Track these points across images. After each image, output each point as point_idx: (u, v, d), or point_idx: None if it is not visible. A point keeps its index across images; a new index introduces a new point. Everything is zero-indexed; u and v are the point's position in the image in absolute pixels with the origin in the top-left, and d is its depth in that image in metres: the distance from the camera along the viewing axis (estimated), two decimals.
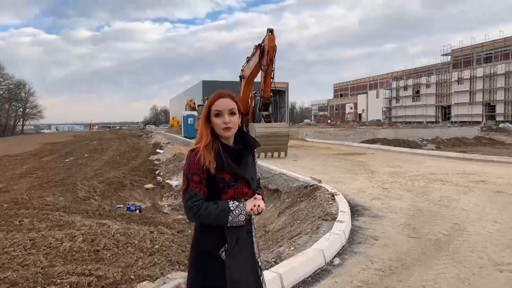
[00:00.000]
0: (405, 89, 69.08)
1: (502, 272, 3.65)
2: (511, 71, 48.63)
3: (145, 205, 10.19)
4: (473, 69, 55.01)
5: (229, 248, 1.80)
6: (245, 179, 1.86)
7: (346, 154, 14.61)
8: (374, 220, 5.52)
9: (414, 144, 22.36)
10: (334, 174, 9.65)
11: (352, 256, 4.16)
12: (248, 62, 16.51)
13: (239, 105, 1.90)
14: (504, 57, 52.89)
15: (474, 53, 58.14)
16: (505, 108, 49.39)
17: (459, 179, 8.59)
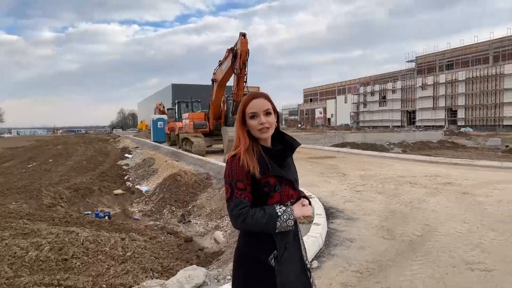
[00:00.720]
0: (372, 94, 70.95)
1: (473, 271, 3.76)
2: (471, 77, 50.97)
3: (115, 211, 9.88)
4: (436, 76, 57.27)
5: (278, 254, 1.73)
6: (290, 181, 1.78)
7: (318, 157, 14.78)
8: (349, 223, 5.58)
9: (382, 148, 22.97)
10: (307, 177, 9.71)
11: (330, 259, 4.17)
12: (220, 66, 16.44)
13: (273, 104, 1.82)
14: (464, 64, 55.43)
15: (437, 60, 60.60)
16: (466, 113, 51.66)
17: (427, 181, 8.85)
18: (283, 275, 1.73)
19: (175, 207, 9.65)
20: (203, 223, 8.80)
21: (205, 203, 9.67)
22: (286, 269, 1.74)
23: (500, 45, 50.74)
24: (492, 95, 47.94)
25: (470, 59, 54.86)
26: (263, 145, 1.80)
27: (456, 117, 53.27)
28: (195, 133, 18.45)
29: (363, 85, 75.33)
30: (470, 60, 54.70)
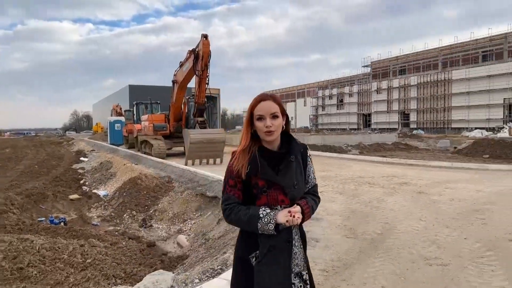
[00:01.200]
0: (330, 98, 72.80)
1: (431, 266, 3.96)
2: (422, 82, 53.63)
3: (71, 217, 9.46)
4: (390, 80, 59.70)
5: (259, 255, 1.76)
6: (280, 186, 1.75)
7: None
8: (312, 223, 5.68)
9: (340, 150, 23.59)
10: None
11: None
12: (181, 67, 16.24)
13: (282, 107, 1.82)
14: (416, 70, 58.25)
15: (391, 65, 63.23)
16: (418, 116, 54.27)
17: (385, 181, 9.21)
18: (261, 276, 1.74)
19: (136, 211, 9.41)
20: (166, 227, 8.64)
21: (167, 207, 9.50)
22: (266, 271, 1.74)
23: (449, 52, 53.80)
24: (441, 99, 50.71)
25: (421, 64, 57.73)
26: (266, 147, 1.81)
27: (409, 120, 55.81)
28: (155, 136, 18.07)
29: (322, 89, 77.15)
30: (421, 66, 57.56)
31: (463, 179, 9.44)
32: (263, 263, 1.75)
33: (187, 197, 9.51)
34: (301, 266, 1.84)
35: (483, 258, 4.08)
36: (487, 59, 48.82)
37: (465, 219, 5.69)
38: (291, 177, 1.79)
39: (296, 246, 1.84)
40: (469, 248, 4.43)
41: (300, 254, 1.85)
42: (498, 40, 48.18)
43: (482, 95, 44.64)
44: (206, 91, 14.75)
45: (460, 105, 47.40)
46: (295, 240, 1.84)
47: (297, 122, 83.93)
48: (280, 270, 1.76)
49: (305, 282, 1.84)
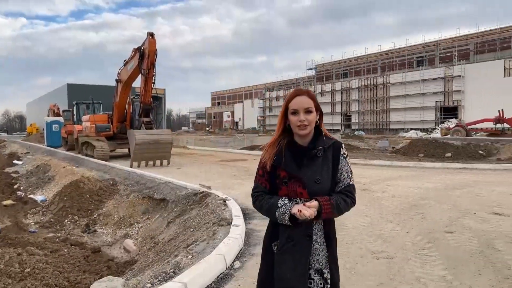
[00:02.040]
0: (277, 99, 74.03)
1: (379, 259, 4.15)
2: (363, 85, 56.28)
3: (5, 224, 8.74)
4: (333, 83, 61.97)
5: (279, 244, 1.84)
6: (299, 179, 1.80)
7: (230, 160, 14.93)
8: (265, 222, 5.67)
9: None
10: (221, 180, 9.75)
11: (251, 258, 4.24)
12: (126, 66, 15.67)
13: (316, 102, 1.87)
14: (357, 73, 61.02)
15: (334, 69, 65.70)
16: (359, 118, 56.86)
17: None
18: (279, 266, 1.82)
19: (78, 216, 8.92)
20: (111, 232, 8.28)
21: (112, 211, 9.10)
22: (284, 261, 1.80)
23: (386, 57, 56.95)
24: (380, 101, 53.52)
25: (362, 68, 60.57)
26: (293, 140, 1.87)
27: (351, 121, 58.30)
28: (97, 137, 17.25)
29: (269, 90, 78.26)
30: (362, 70, 60.40)
31: (403, 177, 10.01)
32: (282, 253, 1.82)
33: (133, 200, 9.18)
34: (322, 263, 1.87)
35: (425, 250, 4.35)
36: (421, 64, 52.32)
37: (406, 214, 6.03)
38: (313, 172, 1.82)
39: (318, 242, 1.86)
40: (412, 241, 4.70)
41: (322, 251, 1.87)
42: (430, 47, 51.85)
43: (417, 98, 47.75)
44: (152, 90, 14.36)
45: (397, 108, 50.34)
46: (317, 236, 1.87)
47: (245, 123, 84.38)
48: (297, 263, 1.80)
49: (325, 280, 1.86)
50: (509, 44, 44.18)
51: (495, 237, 4.68)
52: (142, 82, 14.35)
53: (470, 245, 4.44)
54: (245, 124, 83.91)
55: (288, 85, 75.85)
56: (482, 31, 46.85)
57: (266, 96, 77.28)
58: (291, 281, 1.80)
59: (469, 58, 47.07)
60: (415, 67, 52.62)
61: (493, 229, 5.02)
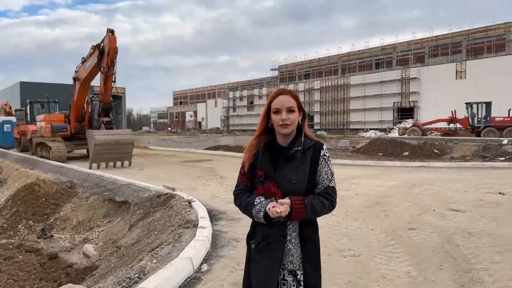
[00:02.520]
0: (241, 99, 74.04)
1: (346, 257, 4.20)
2: (324, 86, 57.44)
3: None
4: (296, 84, 62.80)
5: (255, 243, 1.89)
6: (274, 178, 1.82)
7: (194, 161, 14.71)
8: (232, 223, 5.67)
9: None
10: (185, 181, 9.57)
11: (218, 261, 4.16)
12: (84, 63, 15.04)
13: (299, 102, 1.88)
14: (319, 74, 62.22)
15: (296, 70, 66.62)
16: (321, 118, 58.00)
17: None
18: (255, 264, 1.87)
19: (34, 221, 8.45)
20: (69, 237, 7.92)
21: (70, 215, 8.71)
22: (259, 260, 1.85)
23: (347, 59, 58.47)
24: (341, 102, 54.86)
25: (323, 70, 61.83)
26: (272, 140, 1.90)
27: (313, 121, 59.33)
28: (53, 137, 16.43)
29: (232, 90, 78.09)
30: (324, 71, 61.66)
31: (365, 175, 10.27)
32: (257, 251, 1.86)
33: (93, 203, 8.82)
34: (296, 264, 1.85)
35: (389, 247, 4.46)
36: (380, 66, 54.13)
37: (370, 212, 6.17)
38: (289, 172, 1.82)
39: (292, 243, 1.84)
40: (376, 238, 4.80)
41: (296, 253, 1.85)
42: (388, 50, 53.73)
43: (376, 99, 49.35)
44: (112, 89, 13.89)
45: (357, 108, 51.78)
46: (292, 237, 1.85)
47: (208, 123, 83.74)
48: (270, 262, 1.81)
49: (298, 282, 1.84)
50: (460, 48, 46.64)
51: (454, 233, 4.87)
52: (101, 80, 13.83)
53: (432, 241, 4.59)
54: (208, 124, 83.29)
55: (252, 85, 76.04)
56: (436, 35, 49.15)
57: (230, 96, 77.09)
58: (262, 279, 1.82)
59: (424, 61, 49.24)
60: (374, 69, 54.36)
61: (451, 225, 5.23)
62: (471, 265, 3.79)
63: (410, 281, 3.51)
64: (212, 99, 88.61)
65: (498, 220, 5.41)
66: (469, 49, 45.57)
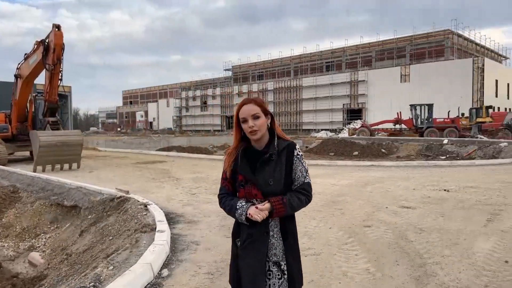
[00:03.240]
0: (194, 99, 73.16)
1: (307, 256, 4.26)
2: (278, 88, 58.27)
3: None
4: (249, 85, 63.16)
5: (240, 241, 2.03)
6: (254, 182, 1.96)
7: (147, 162, 14.29)
8: (190, 226, 5.56)
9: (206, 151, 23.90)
10: (139, 183, 9.27)
11: (179, 265, 4.05)
12: (27, 60, 14.14)
13: (264, 107, 2.00)
14: (272, 76, 63.04)
15: (250, 70, 66.98)
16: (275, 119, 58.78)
17: None
18: (242, 260, 2.01)
19: None
20: (13, 245, 7.39)
21: (13, 221, 8.13)
22: (246, 257, 1.99)
23: (299, 61, 59.72)
24: (294, 103, 55.94)
25: (276, 71, 62.71)
26: (249, 146, 2.03)
27: None
28: None
29: (185, 90, 76.93)
30: (277, 72, 62.56)
31: (319, 175, 10.50)
32: (243, 248, 2.00)
33: (39, 208, 8.31)
34: (279, 256, 2.02)
35: (347, 245, 4.58)
36: (330, 69, 55.80)
37: (327, 210, 6.32)
38: (266, 174, 1.97)
39: (275, 237, 2.02)
40: (335, 236, 4.92)
41: (279, 245, 2.03)
42: (338, 53, 55.53)
43: (326, 100, 50.84)
44: (59, 87, 13.16)
45: (309, 109, 53.03)
46: (274, 232, 2.02)
47: (160, 123, 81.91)
48: (256, 257, 1.97)
49: (282, 271, 2.02)
50: (404, 53, 49.23)
51: (406, 229, 5.11)
52: (47, 78, 13.07)
53: (386, 237, 4.78)
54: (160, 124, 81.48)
55: (205, 85, 75.40)
56: (382, 40, 51.55)
57: (183, 95, 75.92)
58: (251, 273, 1.97)
59: (372, 64, 51.43)
60: (324, 71, 55.96)
61: (403, 221, 5.48)
62: (424, 260, 3.99)
63: (369, 277, 3.62)
64: (164, 99, 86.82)
65: (444, 216, 5.75)
66: (412, 54, 48.26)
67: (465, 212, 5.95)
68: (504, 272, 3.62)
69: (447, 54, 45.86)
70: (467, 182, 8.80)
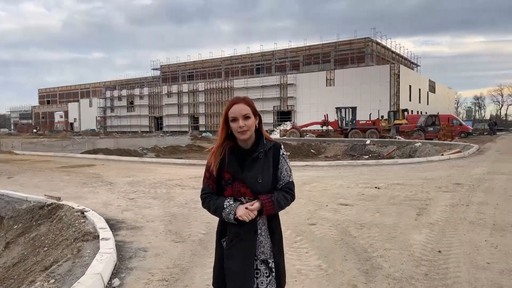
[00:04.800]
0: (120, 99, 69.91)
1: None
2: (209, 89, 57.95)
3: None
4: (179, 85, 61.97)
5: (227, 240, 1.99)
6: (243, 180, 1.96)
7: (74, 166, 13.35)
8: (134, 232, 5.32)
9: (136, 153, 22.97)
10: (70, 189, 8.65)
11: (130, 273, 3.87)
12: None
13: (253, 108, 2.01)
14: (203, 76, 62.54)
15: (180, 70, 65.74)
16: (206, 120, 58.34)
17: (194, 182, 9.48)
18: (229, 261, 1.97)
19: None
20: None
21: None
22: (232, 256, 1.96)
23: (229, 63, 60.01)
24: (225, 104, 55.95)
25: (207, 72, 62.33)
26: (236, 144, 2.02)
27: (198, 123, 59.33)
28: None
29: (110, 89, 73.17)
30: (207, 73, 62.19)
31: None
32: (230, 248, 1.97)
33: None
34: (267, 254, 2.03)
35: (297, 243, 4.72)
36: (260, 71, 56.88)
37: None
38: (255, 172, 1.97)
39: (263, 235, 2.02)
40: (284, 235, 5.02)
41: (267, 243, 2.03)
42: (268, 56, 56.81)
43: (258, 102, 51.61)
44: None
45: None
46: (262, 230, 2.02)
47: (82, 124, 77.04)
48: (245, 256, 1.96)
49: (270, 269, 2.03)
50: (329, 58, 51.89)
51: (348, 225, 5.40)
52: None
53: (332, 234, 5.01)
54: (82, 125, 76.69)
55: (131, 84, 72.44)
56: (309, 45, 53.79)
57: (107, 95, 72.17)
58: (239, 273, 1.95)
59: (299, 68, 53.41)
60: (255, 73, 56.89)
61: (344, 218, 5.78)
62: (369, 254, 4.26)
63: (322, 273, 3.78)
64: (86, 98, 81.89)
65: (380, 212, 6.18)
66: (337, 59, 51.04)
67: (397, 208, 6.45)
68: (439, 261, 4.00)
69: (367, 61, 49.26)
70: (394, 179, 9.54)
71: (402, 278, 3.61)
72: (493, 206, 6.52)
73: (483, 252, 4.24)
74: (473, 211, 6.12)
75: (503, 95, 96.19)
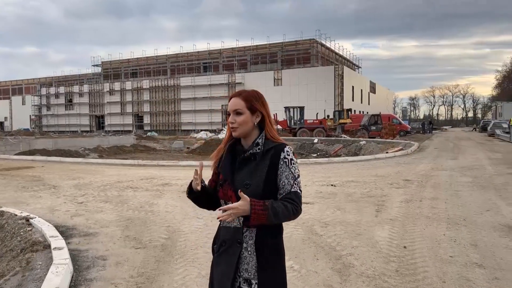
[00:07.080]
0: (57, 97, 65.71)
1: None
2: (154, 86, 56.23)
3: None
4: (122, 82, 59.51)
5: (216, 247, 1.84)
6: (230, 182, 1.75)
7: (9, 169, 12.24)
8: (89, 239, 4.92)
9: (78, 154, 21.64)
10: (8, 194, 7.89)
11: (89, 285, 3.54)
12: None
13: (250, 103, 1.78)
14: (148, 74, 60.50)
15: (122, 67, 63.11)
16: (151, 119, 56.56)
17: (146, 184, 9.07)
18: (217, 268, 1.80)
19: None
20: None
21: None
22: (219, 265, 1.79)
23: (175, 60, 58.61)
24: (172, 103, 54.73)
25: (152, 69, 60.40)
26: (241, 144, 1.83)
27: (143, 122, 57.37)
28: None
29: (45, 86, 68.55)
30: (152, 71, 60.27)
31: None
32: (218, 256, 1.81)
33: None
34: (251, 273, 1.71)
35: None
36: (208, 70, 56.25)
37: None
38: (244, 176, 1.74)
39: (248, 251, 1.71)
40: None
41: (252, 261, 1.71)
42: (215, 54, 56.31)
43: (205, 101, 51.16)
44: None
45: (188, 109, 52.63)
46: (247, 245, 1.72)
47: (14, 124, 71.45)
48: (227, 268, 1.74)
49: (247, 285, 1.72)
50: (276, 58, 52.58)
51: (313, 224, 5.41)
52: None
53: (298, 234, 4.98)
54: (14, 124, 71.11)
55: (69, 81, 68.43)
56: (256, 45, 54.10)
57: (42, 92, 67.59)
58: (220, 283, 1.76)
59: (247, 68, 53.57)
60: (202, 72, 56.16)
61: (308, 217, 5.78)
62: (339, 252, 4.27)
63: (296, 274, 3.71)
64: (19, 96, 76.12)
65: (340, 209, 6.27)
66: (284, 59, 51.85)
67: (356, 205, 6.59)
68: (406, 257, 4.10)
69: (313, 61, 50.58)
70: (347, 177, 9.80)
71: (375, 275, 3.64)
72: (443, 200, 6.90)
73: (444, 246, 4.43)
74: (427, 206, 6.42)
75: (435, 96, 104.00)
